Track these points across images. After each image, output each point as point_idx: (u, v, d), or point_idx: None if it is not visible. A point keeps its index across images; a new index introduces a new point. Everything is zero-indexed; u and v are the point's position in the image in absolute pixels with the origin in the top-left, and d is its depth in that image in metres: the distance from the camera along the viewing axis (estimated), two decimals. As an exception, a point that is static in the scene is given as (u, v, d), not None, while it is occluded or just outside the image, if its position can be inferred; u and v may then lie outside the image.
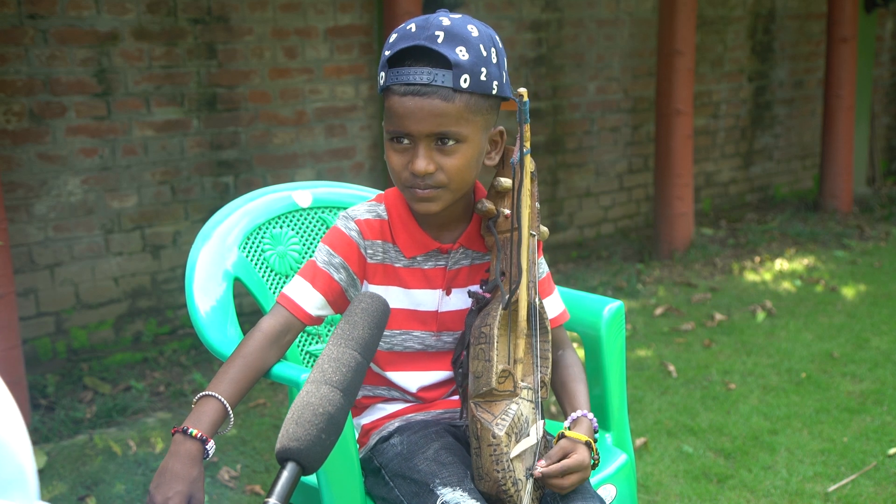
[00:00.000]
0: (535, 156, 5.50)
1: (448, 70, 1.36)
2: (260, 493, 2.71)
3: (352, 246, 1.51)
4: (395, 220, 1.53)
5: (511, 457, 1.39)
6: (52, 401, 3.39)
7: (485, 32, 1.41)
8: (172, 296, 4.13)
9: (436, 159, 1.41)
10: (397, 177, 1.45)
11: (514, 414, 1.41)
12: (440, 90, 1.37)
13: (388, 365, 1.58)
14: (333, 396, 0.98)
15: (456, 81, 1.36)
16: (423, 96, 1.37)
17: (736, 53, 6.58)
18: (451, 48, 1.36)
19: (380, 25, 4.61)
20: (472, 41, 1.38)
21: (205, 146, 4.16)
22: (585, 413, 1.51)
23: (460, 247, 1.54)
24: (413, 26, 1.40)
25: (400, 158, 1.43)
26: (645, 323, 4.26)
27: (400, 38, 1.40)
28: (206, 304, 1.68)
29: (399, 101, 1.38)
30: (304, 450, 0.94)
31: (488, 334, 1.43)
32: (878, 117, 7.84)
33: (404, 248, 1.52)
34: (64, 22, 3.73)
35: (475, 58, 1.37)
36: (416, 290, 1.54)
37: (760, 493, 2.67)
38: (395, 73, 1.39)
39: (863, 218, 6.40)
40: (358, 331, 1.05)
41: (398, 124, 1.40)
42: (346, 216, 1.53)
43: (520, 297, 1.45)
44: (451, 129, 1.39)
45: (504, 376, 1.42)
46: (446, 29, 1.37)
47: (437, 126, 1.38)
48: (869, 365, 3.64)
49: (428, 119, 1.38)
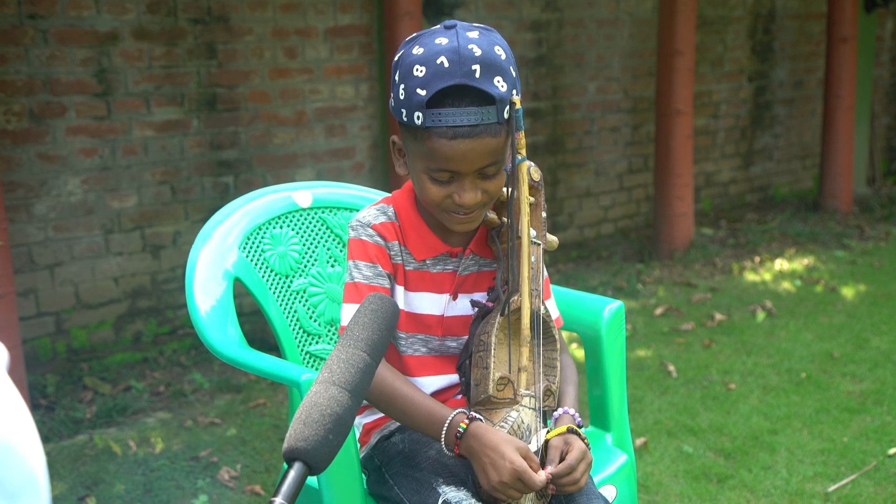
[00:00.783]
0: (536, 156, 5.49)
1: (492, 106, 1.34)
2: (260, 493, 2.71)
3: (383, 252, 1.50)
4: (406, 223, 1.52)
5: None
6: (52, 401, 3.39)
7: (507, 50, 1.38)
8: (172, 296, 4.13)
9: (480, 187, 1.41)
10: (436, 205, 1.43)
11: (513, 421, 1.41)
12: (489, 127, 1.35)
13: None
14: (341, 397, 0.98)
15: (500, 115, 1.35)
16: (472, 138, 1.34)
17: (736, 53, 6.58)
18: (491, 81, 1.33)
19: (380, 25, 4.61)
20: (505, 67, 1.36)
21: (205, 146, 4.16)
22: (567, 410, 1.51)
23: (471, 252, 1.54)
24: (444, 61, 1.32)
25: (441, 190, 1.41)
26: (645, 323, 4.26)
27: (434, 75, 1.33)
28: (206, 304, 1.68)
29: (448, 144, 1.35)
30: (311, 450, 0.94)
31: (486, 342, 1.43)
32: (878, 117, 7.84)
33: (415, 250, 1.52)
34: (64, 22, 3.73)
35: (511, 85, 1.36)
36: (424, 293, 1.53)
37: (760, 493, 2.67)
38: (437, 116, 1.34)
39: (863, 218, 6.40)
40: (367, 332, 1.06)
41: (446, 165, 1.37)
42: (361, 224, 1.51)
43: (522, 305, 1.45)
44: (497, 159, 1.40)
45: (503, 384, 1.42)
46: (480, 60, 1.33)
47: (487, 161, 1.38)
48: (869, 365, 3.64)
49: (479, 159, 1.37)
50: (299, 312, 1.83)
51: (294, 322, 1.83)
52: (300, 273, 1.85)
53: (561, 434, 1.43)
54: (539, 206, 1.55)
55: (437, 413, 1.40)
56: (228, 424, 3.21)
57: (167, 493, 2.71)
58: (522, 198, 1.45)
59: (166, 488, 2.75)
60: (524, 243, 1.46)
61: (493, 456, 1.34)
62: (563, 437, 1.43)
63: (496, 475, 1.33)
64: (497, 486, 1.34)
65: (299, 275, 1.85)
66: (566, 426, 1.44)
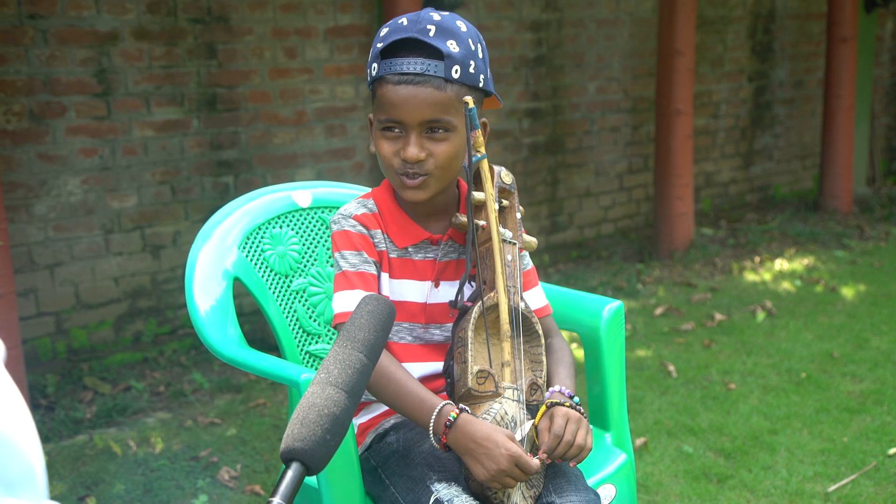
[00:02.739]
0: (536, 156, 5.50)
1: (440, 61, 1.42)
2: (260, 493, 2.71)
3: (366, 239, 1.54)
4: (386, 212, 1.56)
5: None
6: (52, 401, 3.39)
7: (472, 29, 1.48)
8: (172, 296, 4.13)
9: (426, 147, 1.46)
10: (388, 164, 1.49)
11: (496, 413, 1.41)
12: (433, 79, 1.42)
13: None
14: (338, 398, 0.99)
15: (448, 72, 1.42)
16: (416, 85, 1.42)
17: (736, 53, 6.58)
18: (443, 41, 1.42)
19: (380, 25, 4.61)
20: (462, 35, 1.44)
21: (205, 146, 4.16)
22: (554, 389, 1.51)
23: (449, 239, 1.57)
24: (404, 20, 1.45)
25: (391, 146, 1.47)
26: (645, 323, 4.26)
27: (392, 31, 1.45)
28: (206, 303, 1.68)
29: (393, 89, 1.43)
30: (308, 450, 0.94)
31: (464, 337, 1.45)
32: (878, 117, 7.84)
33: (396, 238, 1.55)
34: (64, 22, 3.73)
35: (465, 51, 1.44)
36: (407, 280, 1.56)
37: (760, 493, 2.67)
38: (389, 64, 1.44)
39: (863, 218, 6.40)
40: (364, 333, 1.06)
41: (391, 113, 1.45)
42: (343, 216, 1.55)
43: (499, 301, 1.46)
44: (442, 117, 1.44)
45: (483, 377, 1.42)
46: (437, 23, 1.43)
47: (429, 114, 1.43)
48: (869, 365, 3.64)
49: (421, 107, 1.43)
50: (299, 312, 1.84)
51: (294, 322, 1.83)
52: (300, 273, 1.85)
53: (545, 413, 1.44)
54: (513, 208, 1.59)
55: (427, 401, 1.42)
56: (228, 424, 3.21)
57: (167, 493, 2.71)
58: (488, 195, 1.49)
59: (166, 488, 2.75)
60: (495, 240, 1.48)
61: (488, 445, 1.35)
62: (547, 414, 1.43)
63: (493, 464, 1.34)
64: (494, 475, 1.34)
65: (299, 274, 1.85)
66: (546, 403, 1.45)
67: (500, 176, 1.58)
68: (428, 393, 1.44)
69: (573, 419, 1.41)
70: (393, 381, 1.45)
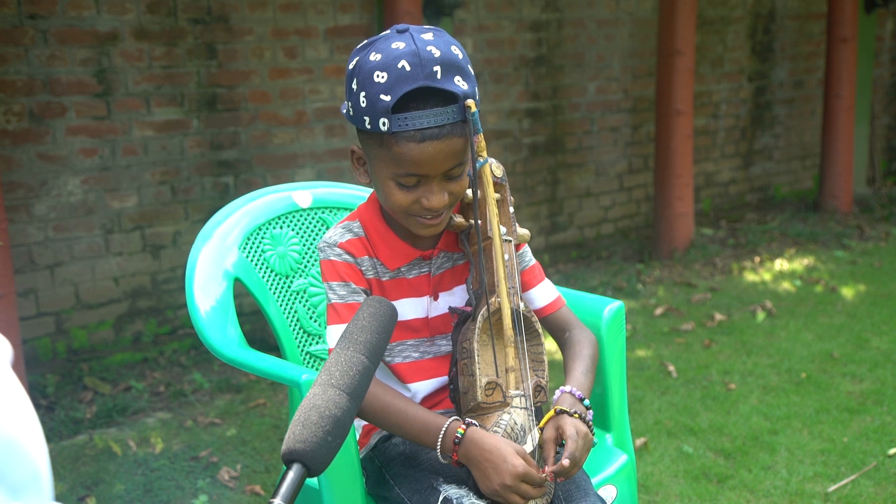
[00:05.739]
0: (536, 156, 5.50)
1: (455, 104, 1.34)
2: (260, 493, 2.71)
3: (353, 268, 1.49)
4: (373, 234, 1.51)
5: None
6: (52, 401, 3.39)
7: (462, 50, 1.38)
8: (172, 296, 4.13)
9: (445, 188, 1.40)
10: (404, 211, 1.42)
11: (506, 424, 1.40)
12: (455, 127, 1.35)
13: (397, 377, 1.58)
14: (340, 399, 0.99)
15: (463, 113, 1.35)
16: (440, 140, 1.34)
17: (736, 53, 6.58)
18: (452, 81, 1.33)
19: (380, 25, 4.61)
20: (463, 66, 1.36)
21: (205, 146, 4.16)
22: (563, 389, 1.48)
23: (440, 251, 1.54)
24: (406, 64, 1.31)
25: (408, 196, 1.40)
26: (645, 323, 4.26)
27: (397, 79, 1.31)
28: (206, 304, 1.68)
29: (417, 147, 1.34)
30: (309, 451, 0.94)
31: (469, 349, 1.43)
32: (878, 117, 7.84)
33: (387, 260, 1.51)
34: (64, 22, 3.73)
35: (471, 84, 1.37)
36: (405, 299, 1.53)
37: (760, 493, 2.67)
38: (404, 120, 1.32)
39: (863, 218, 6.40)
40: (365, 335, 1.06)
41: (412, 168, 1.36)
42: (328, 244, 1.51)
43: (502, 305, 1.45)
44: (463, 159, 1.39)
45: (491, 388, 1.41)
46: (441, 61, 1.32)
47: (453, 162, 1.38)
48: (869, 365, 3.64)
49: (447, 160, 1.36)
50: (299, 312, 1.84)
51: (294, 322, 1.83)
52: (300, 273, 1.85)
53: (551, 419, 1.42)
54: (505, 201, 1.55)
55: (431, 422, 1.40)
56: (228, 424, 3.21)
57: (167, 493, 2.71)
58: (489, 200, 1.45)
59: (166, 488, 2.75)
60: (496, 244, 1.46)
61: (495, 459, 1.33)
62: (553, 422, 1.41)
63: (498, 478, 1.33)
64: (499, 490, 1.33)
65: (299, 275, 1.85)
66: (554, 409, 1.42)
67: (492, 168, 1.53)
68: (430, 414, 1.42)
69: (581, 434, 1.39)
70: (392, 412, 1.43)
